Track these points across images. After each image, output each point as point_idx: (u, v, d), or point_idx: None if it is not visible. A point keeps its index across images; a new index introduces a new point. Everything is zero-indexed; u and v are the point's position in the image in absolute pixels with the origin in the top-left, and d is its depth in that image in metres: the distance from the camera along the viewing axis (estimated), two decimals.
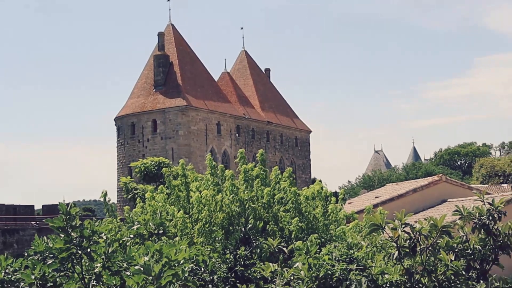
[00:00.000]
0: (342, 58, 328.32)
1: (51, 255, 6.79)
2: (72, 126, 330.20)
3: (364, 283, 8.23)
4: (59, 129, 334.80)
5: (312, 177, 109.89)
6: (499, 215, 9.38)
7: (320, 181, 17.56)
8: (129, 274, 6.32)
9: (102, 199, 16.61)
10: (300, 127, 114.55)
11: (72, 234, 6.69)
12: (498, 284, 8.61)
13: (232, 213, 14.06)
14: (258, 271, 10.04)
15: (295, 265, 8.95)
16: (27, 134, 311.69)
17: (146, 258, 6.25)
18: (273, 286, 8.78)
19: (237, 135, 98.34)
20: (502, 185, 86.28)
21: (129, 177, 54.80)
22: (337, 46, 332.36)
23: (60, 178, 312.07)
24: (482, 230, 9.35)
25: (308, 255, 8.98)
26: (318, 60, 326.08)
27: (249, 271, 10.93)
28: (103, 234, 6.97)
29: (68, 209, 6.77)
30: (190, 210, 14.80)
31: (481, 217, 9.34)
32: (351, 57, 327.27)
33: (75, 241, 6.67)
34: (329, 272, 8.53)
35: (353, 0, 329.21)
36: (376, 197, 39.41)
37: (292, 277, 8.76)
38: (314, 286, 8.29)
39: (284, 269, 9.07)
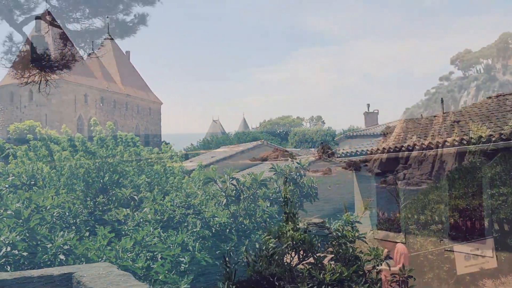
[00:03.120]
0: (191, 46, 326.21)
1: None
2: None
3: (199, 225, 8.27)
4: None
5: (162, 140, 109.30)
6: (304, 171, 9.74)
7: (168, 143, 17.48)
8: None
9: None
10: (153, 99, 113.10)
11: None
12: (302, 224, 8.93)
13: (90, 168, 13.71)
14: (114, 215, 9.86)
15: (144, 210, 8.87)
16: None
17: (18, 204, 5.97)
18: (125, 227, 8.64)
19: (101, 104, 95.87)
20: (311, 149, 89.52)
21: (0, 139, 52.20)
22: (187, 36, 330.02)
23: None
24: (291, 183, 9.66)
25: (155, 202, 8.92)
26: (172, 46, 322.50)
27: (106, 215, 10.70)
28: None
29: None
30: (56, 166, 14.30)
31: (291, 173, 9.64)
32: (199, 46, 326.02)
33: None
34: (171, 215, 8.51)
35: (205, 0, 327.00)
36: (212, 157, 39.72)
37: (141, 220, 8.67)
38: (158, 227, 8.23)
39: (135, 213, 8.96)
